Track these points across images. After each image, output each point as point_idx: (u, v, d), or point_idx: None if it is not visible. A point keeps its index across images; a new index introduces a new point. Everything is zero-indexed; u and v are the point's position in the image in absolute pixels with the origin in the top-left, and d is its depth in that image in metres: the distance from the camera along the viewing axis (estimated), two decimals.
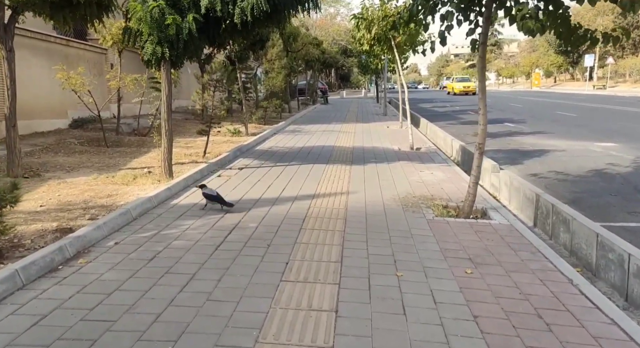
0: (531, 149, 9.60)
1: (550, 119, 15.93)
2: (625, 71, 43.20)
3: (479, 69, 4.76)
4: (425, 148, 9.80)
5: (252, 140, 10.06)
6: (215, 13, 5.69)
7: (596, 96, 30.15)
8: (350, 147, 9.76)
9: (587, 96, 30.63)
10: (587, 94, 35.51)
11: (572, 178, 6.72)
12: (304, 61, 22.44)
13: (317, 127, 14.09)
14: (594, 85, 40.97)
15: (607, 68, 42.55)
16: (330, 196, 5.60)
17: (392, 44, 9.86)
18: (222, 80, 7.90)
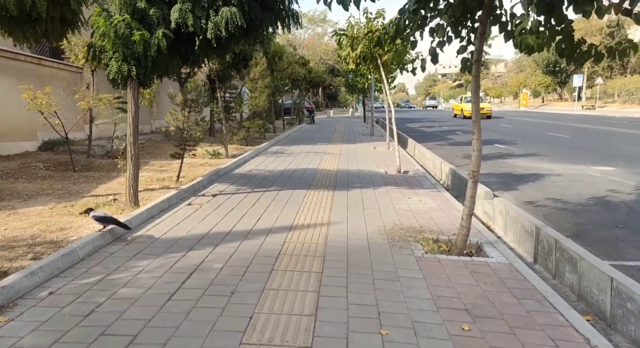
0: (525, 172, 9.21)
1: (541, 140, 15.72)
2: (614, 91, 43.92)
3: (472, 89, 4.33)
4: (414, 171, 9.36)
5: (231, 163, 9.51)
6: (187, 28, 5.22)
7: (586, 116, 30.40)
8: (334, 170, 9.27)
9: (576, 116, 30.86)
10: (576, 114, 35.87)
11: (572, 206, 6.28)
12: (290, 80, 22.17)
13: (301, 148, 13.61)
14: (583, 106, 41.48)
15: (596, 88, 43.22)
16: (309, 228, 5.06)
17: (379, 62, 9.51)
18: (198, 100, 7.41)
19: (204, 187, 7.28)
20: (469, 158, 11.79)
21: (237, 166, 9.59)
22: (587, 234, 5.05)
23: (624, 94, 42.41)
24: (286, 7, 5.92)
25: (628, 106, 39.18)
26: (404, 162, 9.92)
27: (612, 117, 28.89)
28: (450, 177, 8.67)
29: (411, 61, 10.09)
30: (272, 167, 9.60)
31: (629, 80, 41.02)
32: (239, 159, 10.27)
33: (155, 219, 5.34)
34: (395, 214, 5.68)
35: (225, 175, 8.45)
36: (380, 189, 7.33)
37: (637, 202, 6.32)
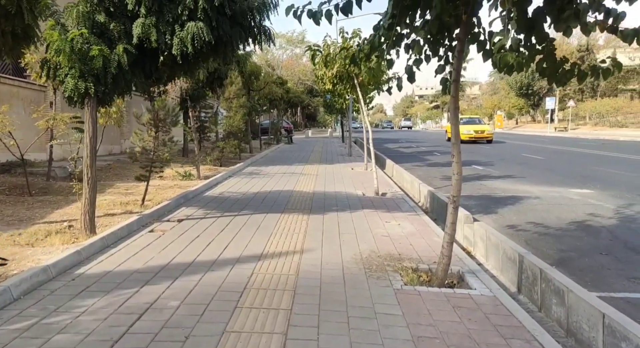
0: (504, 195, 9.10)
1: (518, 161, 15.85)
2: (585, 114, 45.46)
3: (451, 110, 4.13)
4: (392, 193, 9.13)
5: (203, 185, 9.07)
6: (150, 44, 4.89)
7: (559, 138, 31.19)
8: (310, 192, 8.94)
9: (550, 138, 31.63)
10: (549, 136, 36.82)
11: (554, 231, 6.12)
12: (267, 100, 21.98)
13: (277, 168, 13.27)
14: (556, 128, 42.69)
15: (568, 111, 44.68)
16: (281, 256, 4.68)
17: (355, 82, 9.37)
18: (166, 119, 7.02)
19: (170, 211, 6.81)
20: (448, 180, 11.66)
21: (209, 188, 9.15)
22: (571, 262, 4.84)
23: (594, 116, 44.00)
24: (257, 23, 5.69)
25: (599, 128, 40.56)
26: (382, 183, 9.70)
27: (585, 139, 29.74)
28: (429, 199, 8.48)
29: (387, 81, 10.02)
30: (245, 189, 9.20)
31: (599, 103, 42.66)
32: (211, 181, 9.84)
33: (110, 249, 4.86)
34: (372, 240, 5.37)
35: (194, 198, 8.00)
36: (357, 212, 7.03)
37: (618, 226, 6.21)
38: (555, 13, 3.12)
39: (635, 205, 7.65)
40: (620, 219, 6.66)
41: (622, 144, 23.09)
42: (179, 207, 7.13)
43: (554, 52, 3.02)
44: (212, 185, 9.58)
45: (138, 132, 6.93)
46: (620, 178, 10.80)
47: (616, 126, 39.62)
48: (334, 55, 9.37)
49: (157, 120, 6.99)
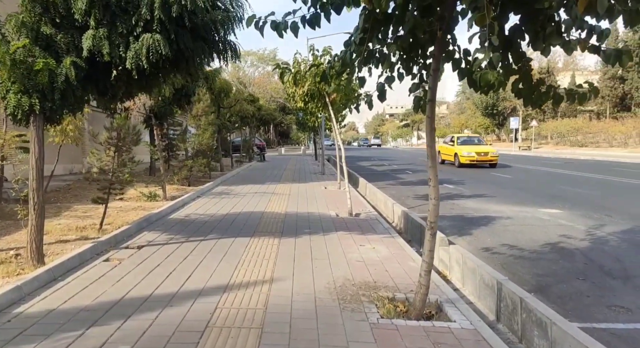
0: (476, 215, 9.06)
1: (487, 180, 16.07)
2: (547, 133, 47.38)
3: (427, 132, 3.97)
4: (365, 214, 8.92)
5: (168, 207, 8.59)
6: (103, 57, 4.54)
7: (524, 157, 32.16)
8: (282, 214, 8.62)
9: (515, 157, 32.55)
10: (514, 154, 37.96)
11: (528, 254, 6.03)
12: (238, 117, 21.64)
13: (248, 188, 12.88)
14: (520, 146, 44.19)
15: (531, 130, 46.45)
16: (248, 287, 4.33)
17: (327, 101, 9.23)
18: (125, 138, 6.60)
19: (130, 236, 6.33)
20: (421, 199, 11.59)
21: (175, 210, 8.67)
22: (549, 288, 4.72)
23: (555, 135, 45.93)
24: (222, 38, 5.44)
25: (560, 147, 42.26)
26: (355, 203, 9.50)
27: (548, 158, 30.80)
28: (403, 220, 8.32)
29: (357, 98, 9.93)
30: (214, 211, 8.77)
31: (560, 123, 44.62)
32: (177, 202, 9.36)
33: (57, 282, 4.38)
34: (346, 266, 5.10)
35: (158, 222, 7.51)
36: (330, 235, 6.76)
37: (591, 249, 6.19)
38: (533, 31, 3.04)
39: (605, 226, 7.73)
40: (593, 241, 6.67)
41: (584, 163, 23.98)
42: (141, 232, 6.65)
43: (530, 72, 2.91)
44: (179, 206, 9.10)
45: (95, 152, 6.47)
46: (586, 198, 11.03)
47: (576, 145, 41.44)
48: (304, 72, 9.25)
49: (117, 138, 6.56)
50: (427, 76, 4.06)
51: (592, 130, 43.38)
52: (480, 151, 21.65)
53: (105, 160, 6.56)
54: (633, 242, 6.62)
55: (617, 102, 47.22)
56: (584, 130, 43.66)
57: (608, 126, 41.25)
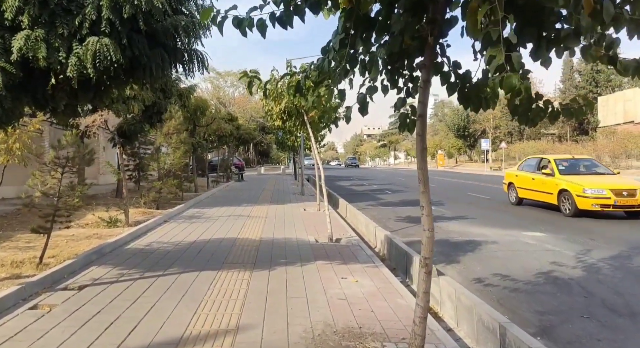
0: (461, 239, 8.56)
1: (465, 201, 15.74)
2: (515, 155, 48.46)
3: (418, 151, 3.42)
4: (347, 239, 8.31)
5: (128, 234, 7.75)
6: (38, 62, 3.87)
7: (495, 177, 32.33)
8: (256, 240, 7.91)
9: (487, 177, 32.74)
10: (486, 174, 38.28)
11: (523, 286, 5.51)
12: (215, 136, 20.94)
13: (222, 210, 12.11)
14: (491, 167, 44.95)
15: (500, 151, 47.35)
16: (208, 340, 3.61)
17: (305, 119, 8.70)
18: (75, 158, 5.85)
19: (74, 273, 5.48)
20: (403, 221, 11.05)
21: (135, 238, 7.83)
22: (554, 329, 4.17)
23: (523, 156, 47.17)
24: (186, 46, 4.85)
25: None
26: (335, 226, 8.87)
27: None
28: (386, 245, 7.75)
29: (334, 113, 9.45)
30: (180, 238, 7.99)
31: (526, 145, 46.06)
32: (141, 228, 8.53)
33: None
34: (327, 306, 4.44)
35: (112, 253, 6.67)
36: (309, 266, 6.10)
37: (586, 279, 5.72)
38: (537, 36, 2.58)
39: (591, 251, 7.34)
40: (585, 269, 6.22)
41: None
42: (88, 267, 5.81)
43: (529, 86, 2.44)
44: (141, 233, 8.26)
45: (38, 174, 5.69)
46: (566, 221, 10.73)
47: None
48: (280, 90, 8.73)
49: (66, 158, 5.80)
50: (414, 89, 3.56)
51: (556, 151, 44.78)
52: (621, 188, 10.84)
53: (50, 183, 5.78)
54: (626, 270, 6.21)
55: (576, 126, 49.91)
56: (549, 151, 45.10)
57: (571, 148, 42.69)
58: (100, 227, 8.63)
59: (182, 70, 5.23)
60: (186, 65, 5.16)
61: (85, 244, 6.97)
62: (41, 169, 5.85)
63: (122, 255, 6.48)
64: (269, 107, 9.24)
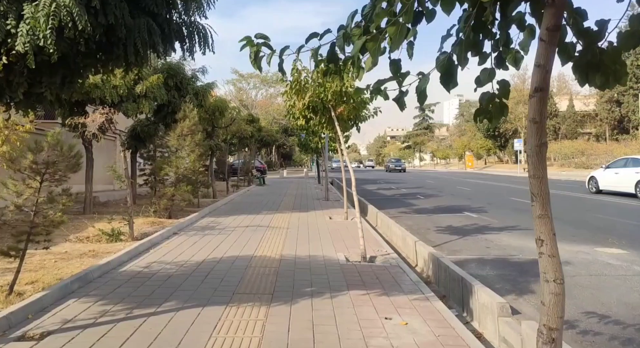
0: (523, 258, 7.10)
1: (510, 206, 14.12)
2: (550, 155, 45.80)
3: (532, 148, 2.10)
4: (383, 257, 6.98)
5: (126, 252, 6.64)
6: None
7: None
8: (276, 259, 6.68)
9: (522, 179, 30.64)
10: (520, 176, 36.09)
11: (636, 333, 4.05)
12: (235, 138, 19.95)
13: (240, 219, 10.96)
14: (524, 168, 42.44)
15: None
16: None
17: (332, 115, 7.44)
18: (56, 162, 4.77)
19: (44, 310, 4.31)
20: (444, 232, 9.50)
21: (135, 256, 6.71)
22: None
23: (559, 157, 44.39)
24: (183, 17, 3.66)
25: (565, 169, 40.52)
26: (367, 239, 7.53)
27: (558, 180, 28.82)
28: (432, 265, 6.38)
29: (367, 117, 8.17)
30: (187, 256, 6.83)
31: (563, 144, 43.22)
32: (144, 242, 7.43)
33: None
34: None
35: (100, 279, 5.50)
36: (341, 298, 4.81)
37: None
38: None
39: None
40: None
41: None
42: (64, 300, 4.65)
43: None
44: (143, 249, 7.15)
45: (11, 183, 4.62)
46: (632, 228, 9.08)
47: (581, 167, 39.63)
48: (305, 81, 7.51)
49: (45, 164, 4.72)
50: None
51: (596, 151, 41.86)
52: None
53: (27, 193, 4.71)
54: None
55: (615, 124, 46.90)
56: (588, 151, 42.17)
57: (612, 148, 39.81)
58: (101, 242, 7.60)
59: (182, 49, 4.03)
60: (184, 42, 3.98)
61: (76, 265, 5.90)
62: (15, 176, 4.78)
63: (111, 282, 5.33)
64: (291, 102, 8.03)
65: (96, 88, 9.27)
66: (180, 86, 11.60)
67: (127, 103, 9.80)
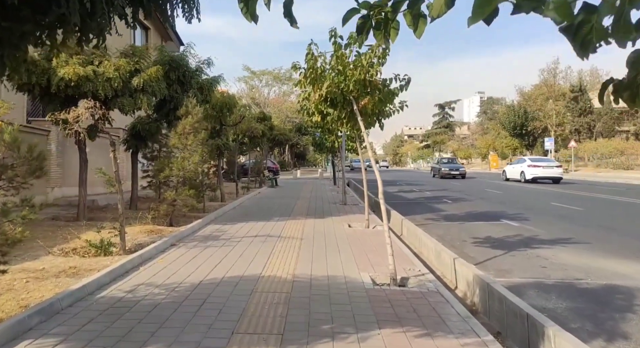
0: (592, 283, 5.79)
1: (553, 213, 12.69)
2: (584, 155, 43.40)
3: None
4: (416, 278, 5.78)
5: (111, 271, 5.55)
6: None
7: (569, 181, 28.44)
8: (288, 281, 5.53)
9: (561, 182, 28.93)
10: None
11: None
12: (246, 137, 18.92)
13: (248, 227, 9.86)
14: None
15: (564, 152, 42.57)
16: None
17: (355, 108, 6.25)
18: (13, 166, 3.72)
19: None
20: (484, 245, 7.97)
21: (120, 276, 5.61)
22: None
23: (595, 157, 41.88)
24: None
25: (602, 170, 38.16)
26: (396, 253, 6.29)
27: (597, 182, 27.05)
28: (479, 291, 5.17)
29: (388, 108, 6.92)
30: (181, 276, 5.72)
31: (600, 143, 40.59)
32: (135, 257, 6.36)
33: None
34: None
35: (71, 309, 4.40)
36: (371, 343, 3.64)
37: None
38: None
39: None
40: None
41: None
42: (16, 342, 3.57)
43: None
44: (132, 267, 6.05)
45: None
46: None
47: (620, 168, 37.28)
48: (322, 69, 6.35)
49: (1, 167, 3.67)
50: None
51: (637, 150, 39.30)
52: None
53: None
54: None
55: None
56: (629, 150, 39.55)
57: None
58: (88, 255, 6.56)
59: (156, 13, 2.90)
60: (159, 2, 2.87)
61: (49, 287, 4.86)
62: None
63: (83, 314, 4.23)
64: (306, 94, 6.87)
65: (87, 81, 8.28)
66: (183, 80, 10.56)
67: (122, 98, 8.79)
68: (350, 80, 6.09)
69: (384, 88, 6.27)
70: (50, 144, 11.80)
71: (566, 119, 47.96)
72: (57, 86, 8.15)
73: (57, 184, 12.08)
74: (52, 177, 11.75)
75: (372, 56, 6.02)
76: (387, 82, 6.28)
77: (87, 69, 8.26)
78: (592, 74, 52.07)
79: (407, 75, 6.22)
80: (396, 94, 6.40)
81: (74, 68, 8.10)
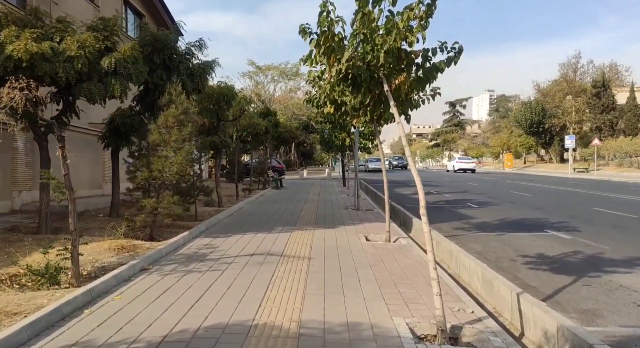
0: None
1: (602, 220, 10.90)
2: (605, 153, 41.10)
3: None
4: (471, 326, 4.06)
5: (39, 317, 3.87)
6: None
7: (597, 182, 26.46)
8: (290, 336, 3.82)
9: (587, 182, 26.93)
10: (574, 177, 32.26)
11: None
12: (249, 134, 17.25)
13: (244, 241, 8.16)
14: (575, 169, 38.10)
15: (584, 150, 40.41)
16: None
17: (386, 89, 4.52)
18: None
19: None
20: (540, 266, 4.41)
21: (48, 329, 3.90)
22: None
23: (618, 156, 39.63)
24: None
25: (626, 169, 36.02)
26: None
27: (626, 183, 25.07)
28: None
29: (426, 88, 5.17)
30: (140, 325, 4.02)
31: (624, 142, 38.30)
32: (85, 292, 4.68)
33: None
34: None
35: None
36: None
37: None
38: None
39: None
40: None
41: None
42: None
43: None
44: (71, 311, 4.33)
45: None
46: None
47: None
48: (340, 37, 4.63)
49: None
50: None
51: None
52: None
53: None
54: None
55: None
56: None
57: None
58: (30, 286, 4.92)
59: None
60: None
61: None
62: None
63: None
64: (318, 73, 5.17)
65: (44, 60, 6.63)
66: (169, 64, 8.89)
67: (89, 83, 7.13)
68: (381, 50, 4.37)
69: (425, 61, 4.55)
70: (16, 141, 10.19)
71: (586, 116, 45.67)
72: (4, 67, 6.51)
73: (26, 187, 10.47)
74: (19, 179, 10.14)
75: (410, 16, 4.30)
76: (429, 55, 4.55)
77: (44, 46, 6.60)
78: (612, 69, 49.64)
79: (457, 43, 4.49)
80: (441, 70, 4.65)
81: (26, 43, 6.46)
